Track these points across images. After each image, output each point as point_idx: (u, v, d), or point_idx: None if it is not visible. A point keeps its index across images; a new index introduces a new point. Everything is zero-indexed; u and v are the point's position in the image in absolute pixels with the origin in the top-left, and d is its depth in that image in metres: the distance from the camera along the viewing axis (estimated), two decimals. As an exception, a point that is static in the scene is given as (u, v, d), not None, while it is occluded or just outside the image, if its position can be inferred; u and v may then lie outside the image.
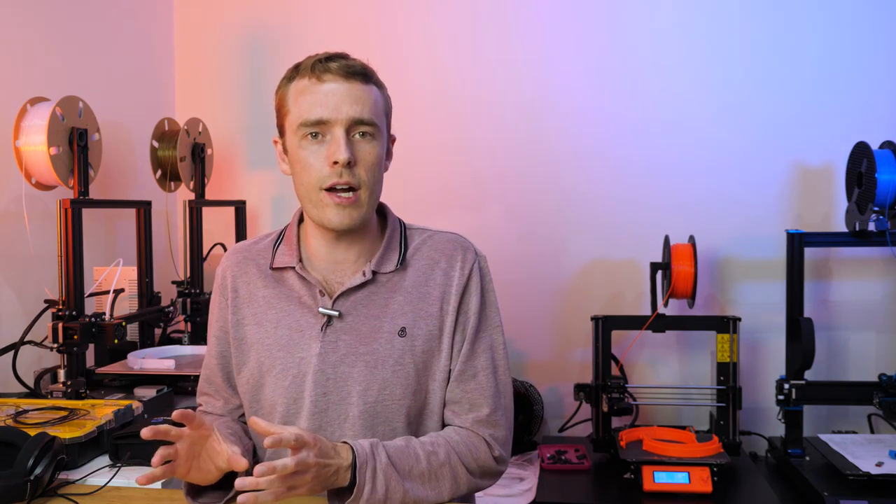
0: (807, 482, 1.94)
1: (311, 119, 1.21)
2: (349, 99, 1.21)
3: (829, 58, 2.41)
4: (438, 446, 1.23)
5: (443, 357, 1.29)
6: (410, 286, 1.29)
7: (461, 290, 1.30)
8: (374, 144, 1.23)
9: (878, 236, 2.06)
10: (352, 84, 1.21)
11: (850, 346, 2.41)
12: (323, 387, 1.25)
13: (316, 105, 1.21)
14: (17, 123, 1.86)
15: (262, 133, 2.75)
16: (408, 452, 1.19)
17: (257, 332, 1.30)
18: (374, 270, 1.28)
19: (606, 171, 2.53)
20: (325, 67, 1.21)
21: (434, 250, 1.32)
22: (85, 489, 1.32)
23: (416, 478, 1.18)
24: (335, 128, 1.20)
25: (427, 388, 1.28)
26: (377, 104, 1.24)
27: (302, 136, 1.22)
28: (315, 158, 1.21)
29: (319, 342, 1.26)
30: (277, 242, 1.35)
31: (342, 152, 1.19)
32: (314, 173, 1.21)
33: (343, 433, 1.25)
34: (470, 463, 1.25)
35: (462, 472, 1.24)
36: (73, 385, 1.80)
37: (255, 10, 2.74)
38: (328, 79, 1.21)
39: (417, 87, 2.60)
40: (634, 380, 2.50)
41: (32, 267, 2.02)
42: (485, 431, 1.28)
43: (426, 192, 2.58)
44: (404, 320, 1.27)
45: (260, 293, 1.31)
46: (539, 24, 2.56)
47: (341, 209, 1.21)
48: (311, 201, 1.24)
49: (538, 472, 2.11)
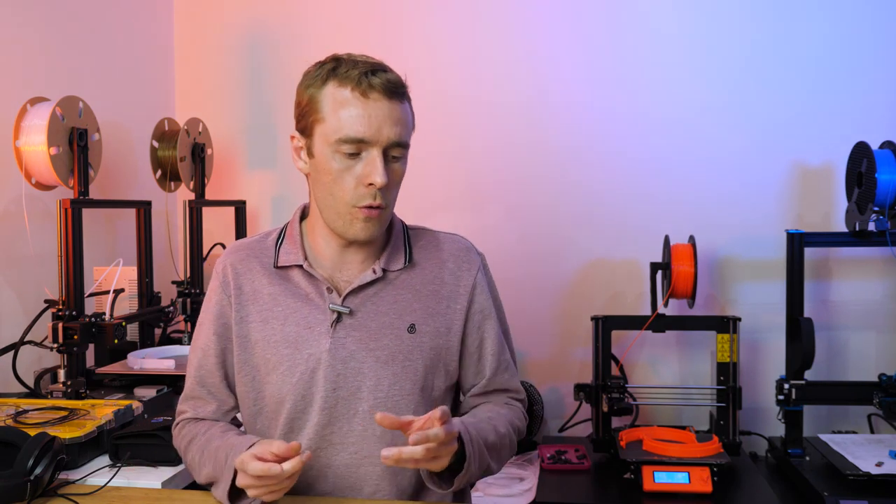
0: (807, 482, 1.94)
1: (353, 136, 1.19)
2: (390, 120, 1.20)
3: (829, 58, 2.41)
4: (498, 420, 1.31)
5: (449, 354, 1.32)
6: (419, 284, 1.32)
7: (470, 291, 1.34)
8: (402, 163, 1.26)
9: (878, 236, 2.06)
10: (393, 104, 1.21)
11: (850, 346, 2.41)
12: (333, 382, 1.26)
13: (358, 123, 1.19)
14: (17, 123, 1.86)
15: (262, 133, 2.75)
16: (481, 427, 1.25)
17: (263, 329, 1.30)
18: (383, 268, 1.30)
19: (606, 171, 2.53)
20: (370, 84, 1.20)
21: (440, 251, 1.36)
22: (85, 489, 1.32)
23: (492, 450, 1.26)
24: (373, 148, 1.20)
25: (435, 385, 1.31)
26: (409, 123, 1.26)
27: (338, 150, 1.21)
28: (350, 175, 1.21)
29: (329, 338, 1.27)
30: (280, 240, 1.35)
31: (380, 176, 1.19)
32: (348, 190, 1.22)
33: (352, 428, 1.26)
34: (516, 430, 1.36)
35: (514, 441, 1.35)
36: (73, 385, 1.80)
37: (255, 10, 2.74)
38: (373, 97, 1.20)
39: (417, 87, 2.56)
40: (634, 380, 2.50)
41: (32, 267, 2.02)
42: (519, 404, 1.41)
43: (426, 191, 2.58)
44: (413, 317, 1.30)
45: (265, 290, 1.31)
46: (539, 23, 2.56)
47: (369, 223, 1.24)
48: (339, 214, 1.24)
49: (538, 472, 2.11)
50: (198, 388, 1.36)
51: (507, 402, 1.39)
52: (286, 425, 1.28)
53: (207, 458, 1.24)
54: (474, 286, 1.34)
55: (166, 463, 1.51)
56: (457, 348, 1.33)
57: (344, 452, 1.27)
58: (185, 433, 1.33)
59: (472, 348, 1.35)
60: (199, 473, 1.27)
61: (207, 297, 1.37)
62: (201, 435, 1.29)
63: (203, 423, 1.33)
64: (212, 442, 1.26)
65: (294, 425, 1.28)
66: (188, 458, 1.31)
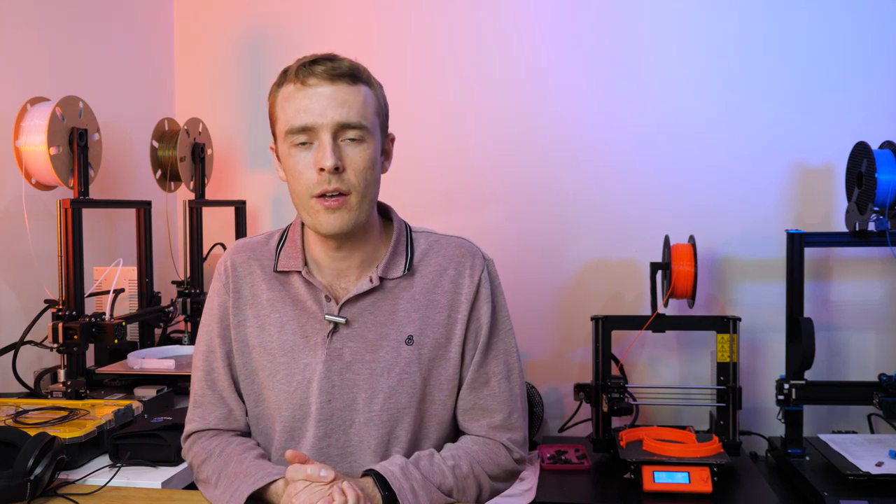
0: (807, 482, 1.94)
1: (297, 126, 1.17)
2: (334, 102, 1.16)
3: (829, 58, 2.41)
4: (460, 459, 1.24)
5: (451, 366, 1.27)
6: (418, 293, 1.27)
7: (471, 300, 1.28)
8: (363, 148, 1.19)
9: (878, 236, 2.06)
10: (338, 87, 1.17)
11: (850, 346, 2.41)
12: (328, 394, 1.23)
13: (300, 111, 1.17)
14: (17, 123, 1.86)
15: (262, 133, 2.73)
16: (434, 470, 1.20)
17: (260, 334, 1.27)
18: (381, 276, 1.25)
19: (607, 172, 2.53)
20: (309, 71, 1.17)
21: (442, 256, 1.29)
22: (85, 489, 1.32)
23: (446, 493, 1.20)
24: (322, 133, 1.17)
25: (433, 397, 1.27)
26: (367, 105, 1.19)
27: (291, 144, 1.19)
28: (304, 166, 1.18)
29: (325, 349, 1.23)
30: (280, 244, 1.31)
31: (328, 159, 1.15)
32: (304, 181, 1.18)
33: (348, 439, 1.24)
34: (492, 470, 1.26)
35: (485, 480, 1.25)
36: (73, 385, 1.80)
37: (255, 10, 2.74)
38: (313, 83, 1.17)
39: (417, 89, 2.61)
40: (634, 380, 2.50)
41: (32, 267, 2.02)
42: (502, 436, 1.29)
43: (426, 193, 2.58)
44: (411, 328, 1.25)
45: (264, 295, 1.28)
46: (539, 26, 2.56)
47: (331, 213, 1.18)
48: (304, 209, 1.21)
49: (538, 472, 2.11)
50: (208, 393, 1.30)
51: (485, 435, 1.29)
52: (285, 433, 1.26)
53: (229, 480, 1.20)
54: (476, 294, 1.28)
55: (166, 463, 1.51)
56: (458, 360, 1.27)
57: (342, 463, 1.24)
58: (203, 448, 1.28)
59: (467, 358, 1.28)
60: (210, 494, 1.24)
61: (209, 298, 1.33)
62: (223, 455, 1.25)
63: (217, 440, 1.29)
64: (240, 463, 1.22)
65: (293, 434, 1.26)
66: (202, 474, 1.27)
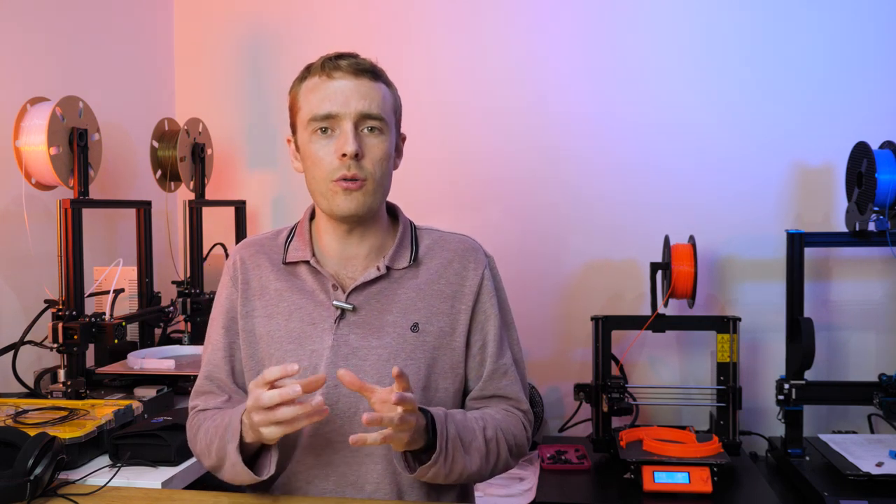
0: (807, 482, 1.94)
1: (321, 113, 1.25)
2: (357, 94, 1.25)
3: (829, 58, 2.41)
4: (488, 423, 1.28)
5: (455, 355, 1.33)
6: (423, 283, 1.33)
7: (475, 292, 1.34)
8: (381, 139, 1.27)
9: (878, 236, 2.06)
10: (360, 80, 1.26)
11: (850, 346, 2.41)
12: (335, 379, 1.25)
13: (325, 100, 1.25)
14: (17, 123, 1.86)
15: (262, 133, 2.75)
16: (468, 426, 1.25)
17: (267, 324, 1.32)
18: (388, 266, 1.32)
19: (606, 171, 2.53)
20: (334, 65, 1.26)
21: (446, 250, 1.36)
22: (85, 489, 1.32)
23: (474, 452, 1.24)
24: (344, 122, 1.24)
25: (437, 385, 1.31)
26: (385, 101, 1.28)
27: (312, 131, 1.27)
28: (325, 152, 1.25)
29: (332, 335, 1.28)
30: (289, 238, 1.38)
31: (350, 144, 1.23)
32: (324, 166, 1.25)
33: (353, 427, 1.25)
34: (510, 440, 1.31)
35: (504, 450, 1.30)
36: (73, 385, 1.80)
37: (255, 10, 2.74)
38: (338, 76, 1.26)
39: (419, 88, 2.60)
40: (634, 380, 2.50)
41: (32, 267, 2.02)
42: (520, 414, 1.36)
43: (427, 191, 2.58)
44: (417, 316, 1.30)
45: (272, 286, 1.33)
46: (540, 25, 2.56)
47: (349, 195, 1.25)
48: (321, 192, 1.27)
49: (538, 472, 2.11)
50: (206, 384, 1.36)
51: (506, 409, 1.36)
52: None
53: (213, 434, 1.24)
54: (480, 286, 1.35)
55: (166, 463, 1.51)
56: (462, 350, 1.33)
57: (346, 450, 1.26)
58: (193, 423, 1.34)
59: (474, 349, 1.35)
60: (208, 455, 1.26)
61: (218, 292, 1.40)
62: (209, 419, 1.30)
63: (210, 411, 1.33)
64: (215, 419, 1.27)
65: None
66: (198, 447, 1.30)
